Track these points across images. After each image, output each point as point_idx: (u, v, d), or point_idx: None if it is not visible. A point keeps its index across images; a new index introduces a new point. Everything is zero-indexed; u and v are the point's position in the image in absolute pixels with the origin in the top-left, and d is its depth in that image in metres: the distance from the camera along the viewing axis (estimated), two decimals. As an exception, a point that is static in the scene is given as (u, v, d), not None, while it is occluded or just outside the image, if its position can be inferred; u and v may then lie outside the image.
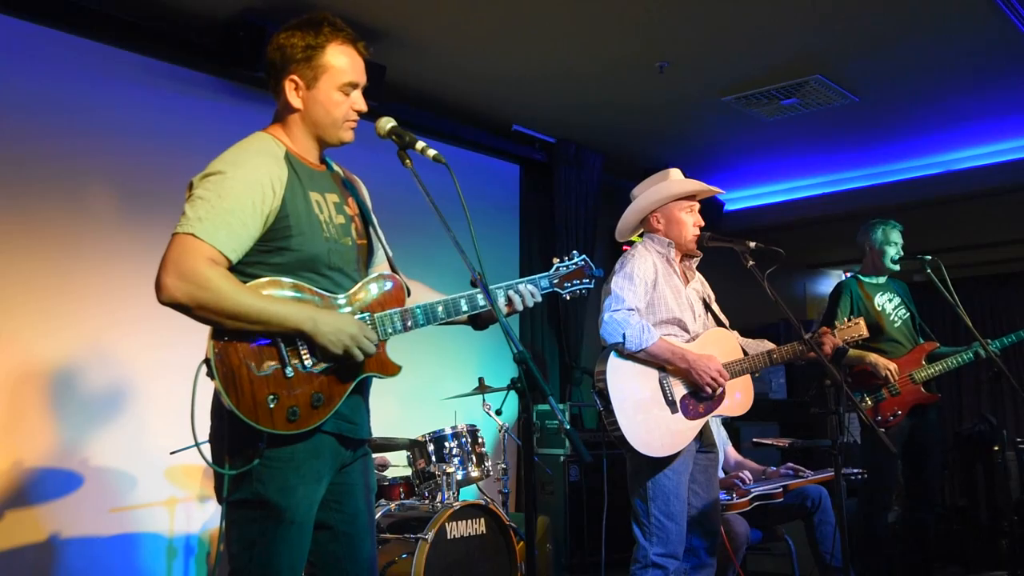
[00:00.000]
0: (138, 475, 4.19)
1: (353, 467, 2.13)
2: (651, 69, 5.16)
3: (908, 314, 4.46)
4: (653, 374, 3.12)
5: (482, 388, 4.56)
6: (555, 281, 2.33)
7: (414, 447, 4.13)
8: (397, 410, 5.30)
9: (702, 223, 3.36)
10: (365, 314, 2.06)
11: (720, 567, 3.56)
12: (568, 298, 2.36)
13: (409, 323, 2.10)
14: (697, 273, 3.46)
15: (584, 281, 2.36)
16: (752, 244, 3.19)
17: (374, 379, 2.17)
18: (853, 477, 3.99)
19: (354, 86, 2.13)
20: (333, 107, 2.10)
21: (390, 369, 2.11)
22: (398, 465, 4.52)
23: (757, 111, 5.80)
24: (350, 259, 2.12)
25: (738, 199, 7.67)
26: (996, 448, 5.82)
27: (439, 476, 3.93)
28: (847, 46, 4.90)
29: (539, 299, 2.27)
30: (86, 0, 4.20)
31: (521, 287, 2.24)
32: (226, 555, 2.00)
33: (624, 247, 3.48)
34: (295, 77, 2.07)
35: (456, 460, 4.06)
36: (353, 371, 2.03)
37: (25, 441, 3.94)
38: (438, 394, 4.92)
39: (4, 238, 3.92)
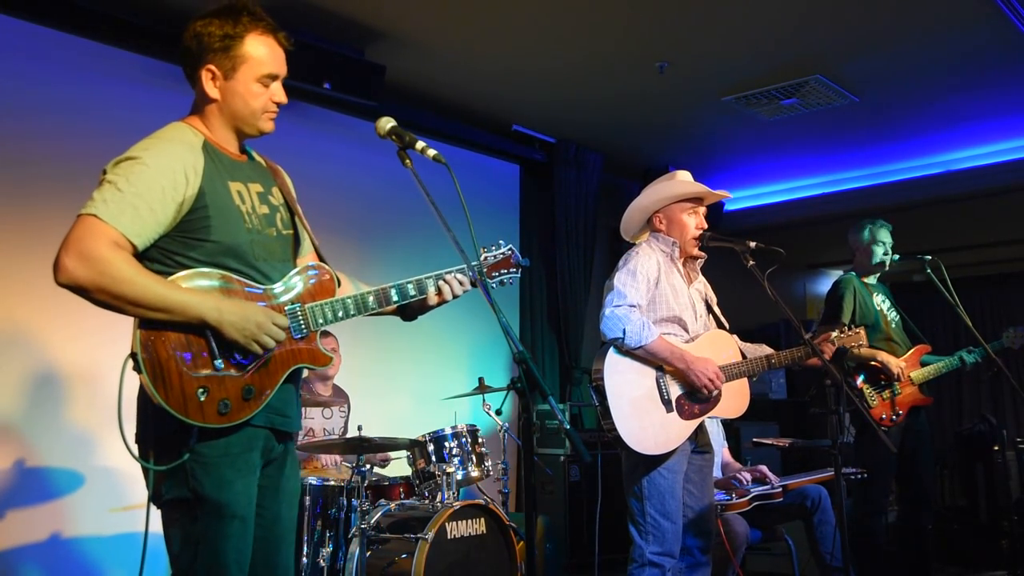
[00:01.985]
0: (138, 475, 4.17)
1: (278, 466, 2.09)
2: (651, 69, 5.16)
3: (898, 316, 4.47)
4: (650, 372, 3.13)
5: (482, 388, 4.56)
6: (483, 270, 2.31)
7: (414, 447, 4.13)
8: (397, 410, 5.31)
9: (705, 226, 3.35)
10: (296, 305, 2.02)
11: (720, 567, 3.56)
12: (495, 286, 2.33)
13: (340, 313, 2.07)
14: (700, 275, 3.46)
15: (511, 271, 2.35)
16: (752, 244, 3.18)
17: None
18: (852, 477, 3.99)
19: (274, 77, 2.07)
20: (252, 98, 2.04)
21: (320, 360, 2.07)
22: (399, 458, 4.52)
23: (757, 111, 5.80)
24: (275, 250, 2.08)
25: (738, 199, 7.67)
26: (996, 448, 5.82)
27: (439, 476, 3.93)
28: (847, 46, 4.90)
29: (468, 288, 2.25)
30: (86, 0, 4.20)
31: (449, 276, 2.21)
32: (168, 557, 1.95)
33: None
34: (212, 67, 2.02)
35: (456, 460, 4.06)
36: (285, 362, 1.99)
37: (26, 441, 3.94)
38: (438, 394, 4.92)
39: (4, 238, 3.93)
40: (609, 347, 3.11)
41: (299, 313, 2.02)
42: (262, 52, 2.04)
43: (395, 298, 2.15)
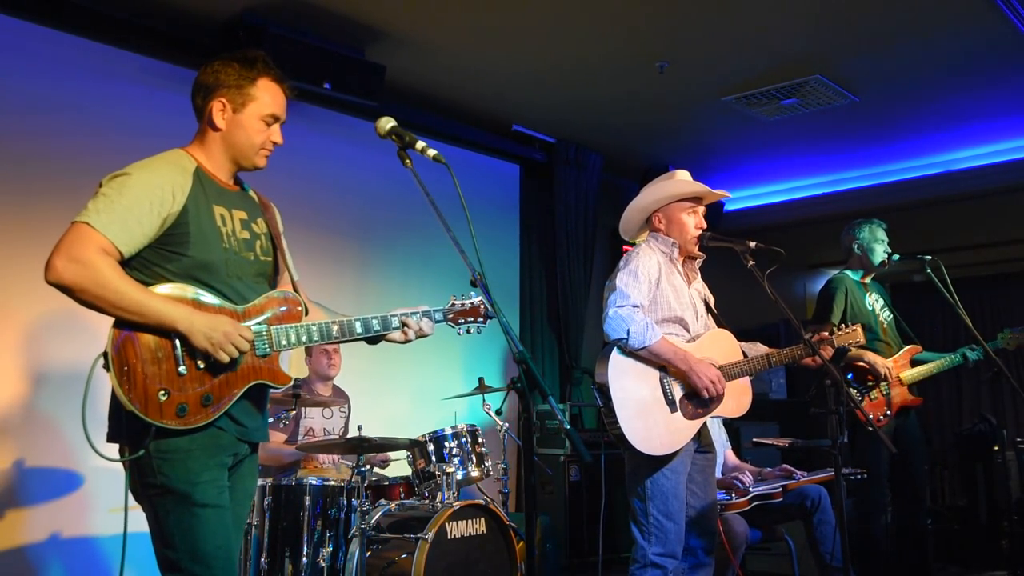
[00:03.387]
0: (138, 475, 4.19)
1: (240, 468, 2.24)
2: (651, 69, 5.16)
3: (892, 316, 4.47)
4: (654, 373, 3.13)
5: (482, 388, 4.56)
6: (449, 316, 2.42)
7: (414, 447, 4.13)
8: (398, 410, 5.31)
9: (704, 225, 3.35)
10: (263, 325, 2.17)
11: (720, 567, 3.56)
12: (460, 333, 2.43)
13: (304, 337, 2.21)
14: (699, 276, 3.46)
15: (478, 320, 2.43)
16: (752, 244, 3.19)
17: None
18: (853, 477, 3.99)
19: (276, 119, 2.28)
20: (255, 133, 2.24)
21: (280, 379, 2.21)
22: (398, 459, 4.53)
23: (757, 111, 5.80)
24: (249, 272, 2.24)
25: (738, 199, 7.67)
26: (996, 448, 5.82)
27: (439, 476, 3.92)
28: (847, 46, 4.90)
29: (431, 332, 2.36)
30: (86, 0, 4.20)
31: (412, 320, 2.32)
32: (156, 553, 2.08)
33: (625, 248, 3.48)
34: (224, 99, 2.22)
35: (456, 460, 4.06)
36: (245, 376, 2.12)
37: (26, 441, 3.94)
38: (438, 394, 4.92)
39: (4, 238, 3.93)
40: (612, 348, 3.11)
41: (264, 333, 2.16)
42: (269, 95, 2.26)
43: (359, 331, 2.28)
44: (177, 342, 2.02)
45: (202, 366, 2.05)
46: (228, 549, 2.08)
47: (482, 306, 2.43)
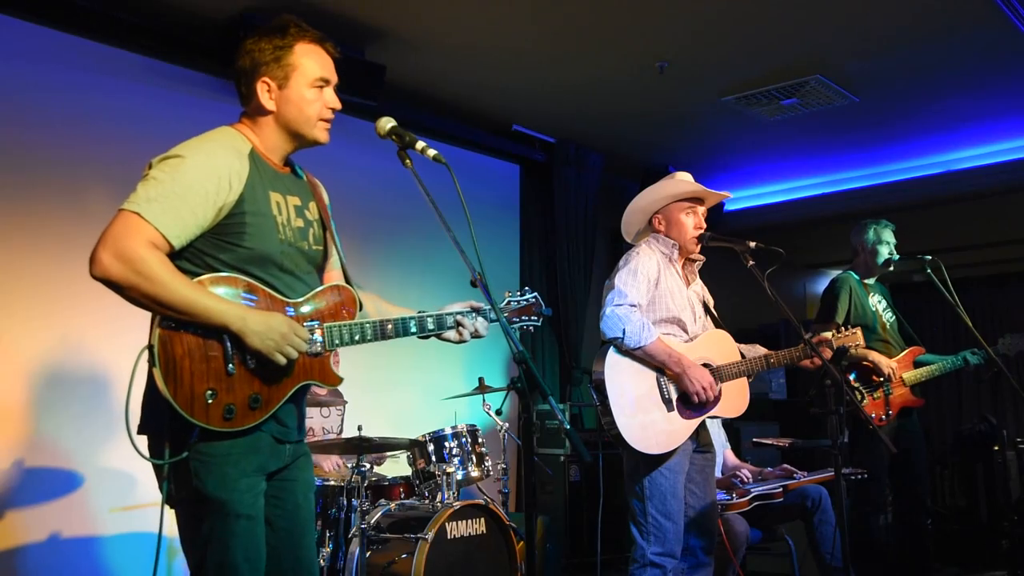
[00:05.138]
0: (138, 475, 4.19)
1: (293, 463, 2.13)
2: (651, 69, 5.16)
3: (894, 317, 4.47)
4: (651, 372, 3.13)
5: (482, 388, 4.56)
6: (504, 315, 2.32)
7: (414, 447, 4.13)
8: (397, 410, 5.31)
9: (704, 226, 3.35)
10: (314, 322, 2.05)
11: (720, 567, 3.56)
12: (516, 331, 2.35)
13: (357, 337, 2.10)
14: (698, 277, 3.46)
15: (532, 318, 2.37)
16: (752, 244, 3.19)
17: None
18: (853, 477, 3.99)
19: (325, 82, 2.14)
20: (306, 105, 2.11)
21: (331, 379, 2.11)
22: (397, 459, 4.52)
23: (757, 111, 5.80)
24: (303, 263, 2.13)
25: (738, 199, 7.67)
26: (996, 448, 5.82)
27: (439, 476, 3.92)
28: (847, 46, 4.90)
29: (485, 333, 2.28)
30: (86, 0, 4.20)
31: (467, 320, 2.23)
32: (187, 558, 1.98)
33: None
34: (267, 79, 2.09)
35: (456, 460, 4.06)
36: (295, 377, 2.02)
37: (26, 441, 3.94)
38: (438, 394, 4.92)
39: (4, 238, 3.92)
40: (610, 346, 3.12)
41: (317, 331, 2.05)
42: (311, 59, 2.12)
43: (413, 330, 2.18)
44: (227, 340, 1.89)
45: (252, 366, 1.93)
46: (256, 562, 1.96)
47: (536, 303, 2.37)
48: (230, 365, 1.90)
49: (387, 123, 2.20)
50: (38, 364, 3.99)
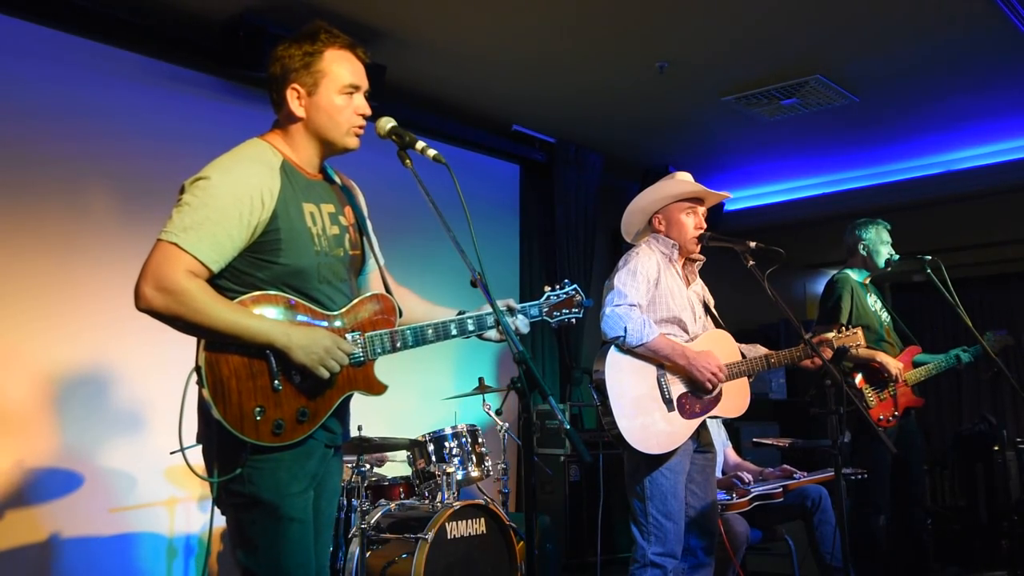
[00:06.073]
0: (138, 475, 4.19)
1: (329, 466, 2.17)
2: (651, 69, 5.16)
3: (889, 317, 4.47)
4: (651, 371, 3.13)
5: (482, 388, 4.56)
6: (544, 310, 2.36)
7: (414, 447, 4.13)
8: (397, 410, 5.31)
9: (704, 226, 3.36)
10: (356, 332, 2.08)
11: (720, 567, 3.56)
12: (555, 326, 2.38)
13: (399, 344, 2.12)
14: (699, 278, 3.47)
15: (573, 310, 2.38)
16: (752, 244, 3.19)
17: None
18: (853, 477, 3.99)
19: (355, 88, 2.14)
20: (336, 112, 2.11)
21: (376, 388, 2.12)
22: (397, 461, 4.52)
23: (757, 111, 5.80)
24: (341, 271, 2.14)
25: (738, 199, 7.67)
26: (996, 448, 5.82)
27: (439, 476, 3.93)
28: (847, 46, 4.90)
29: (526, 331, 2.28)
30: (86, 0, 4.20)
31: (509, 319, 2.23)
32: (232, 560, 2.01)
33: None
34: (296, 86, 2.09)
35: (456, 460, 4.06)
36: (340, 388, 2.05)
37: (26, 441, 3.94)
38: (438, 394, 4.92)
39: (4, 238, 3.92)
40: (610, 346, 3.12)
41: (359, 341, 2.07)
42: (341, 65, 2.12)
43: (454, 333, 2.20)
44: (272, 357, 1.93)
45: (298, 380, 1.97)
46: (308, 567, 2.00)
47: (577, 295, 2.39)
48: (276, 381, 1.94)
49: (387, 123, 2.20)
50: (38, 364, 3.99)
